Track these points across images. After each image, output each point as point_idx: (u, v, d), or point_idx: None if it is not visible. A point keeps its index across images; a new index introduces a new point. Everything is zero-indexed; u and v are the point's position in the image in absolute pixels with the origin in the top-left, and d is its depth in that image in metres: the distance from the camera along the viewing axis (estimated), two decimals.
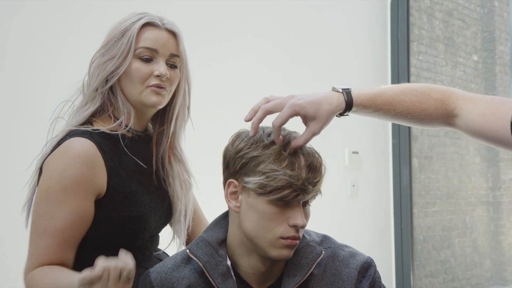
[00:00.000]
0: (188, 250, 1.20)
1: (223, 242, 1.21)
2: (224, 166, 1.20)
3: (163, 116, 1.45)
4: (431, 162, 3.90)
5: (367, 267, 1.21)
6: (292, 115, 1.17)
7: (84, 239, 1.31)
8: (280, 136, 1.15)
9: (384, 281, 1.24)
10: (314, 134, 1.18)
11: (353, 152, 3.03)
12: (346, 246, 1.25)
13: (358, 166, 3.07)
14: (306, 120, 1.19)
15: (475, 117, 1.25)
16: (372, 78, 3.18)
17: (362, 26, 3.19)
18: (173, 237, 1.51)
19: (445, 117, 1.29)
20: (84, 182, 1.27)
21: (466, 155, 4.20)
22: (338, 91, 1.23)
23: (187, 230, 1.49)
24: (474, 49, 4.13)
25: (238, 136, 1.19)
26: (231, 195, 1.18)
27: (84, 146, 1.28)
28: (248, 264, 1.19)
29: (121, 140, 1.35)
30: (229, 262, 1.20)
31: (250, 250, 1.17)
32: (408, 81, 3.23)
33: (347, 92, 1.22)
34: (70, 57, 2.06)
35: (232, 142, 1.19)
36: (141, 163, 1.38)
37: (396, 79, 3.21)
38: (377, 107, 1.25)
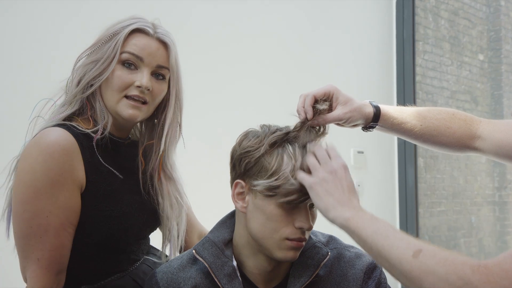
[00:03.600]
0: (194, 251, 1.19)
1: (229, 242, 1.21)
2: (232, 166, 1.19)
3: (152, 131, 1.35)
4: (437, 161, 3.88)
5: (373, 268, 1.21)
6: (326, 91, 1.23)
7: None
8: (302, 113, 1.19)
9: (389, 281, 1.23)
10: (338, 117, 1.23)
11: (359, 152, 3.02)
12: (352, 247, 1.24)
13: (364, 166, 3.06)
14: (336, 104, 1.24)
15: (495, 134, 1.30)
16: (377, 77, 3.17)
17: (368, 26, 3.18)
18: (163, 245, 1.40)
19: (467, 138, 1.34)
20: (68, 172, 1.18)
21: (471, 154, 4.17)
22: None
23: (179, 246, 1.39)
24: (480, 48, 4.11)
25: (245, 136, 1.18)
26: (238, 196, 1.17)
27: (61, 135, 1.19)
28: (254, 265, 1.19)
29: (95, 149, 1.24)
30: (235, 263, 1.19)
31: (256, 250, 1.17)
32: (414, 80, 3.22)
33: (370, 101, 1.30)
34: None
35: (240, 142, 1.18)
36: (117, 173, 1.27)
37: (401, 78, 3.20)
38: (403, 118, 1.31)
